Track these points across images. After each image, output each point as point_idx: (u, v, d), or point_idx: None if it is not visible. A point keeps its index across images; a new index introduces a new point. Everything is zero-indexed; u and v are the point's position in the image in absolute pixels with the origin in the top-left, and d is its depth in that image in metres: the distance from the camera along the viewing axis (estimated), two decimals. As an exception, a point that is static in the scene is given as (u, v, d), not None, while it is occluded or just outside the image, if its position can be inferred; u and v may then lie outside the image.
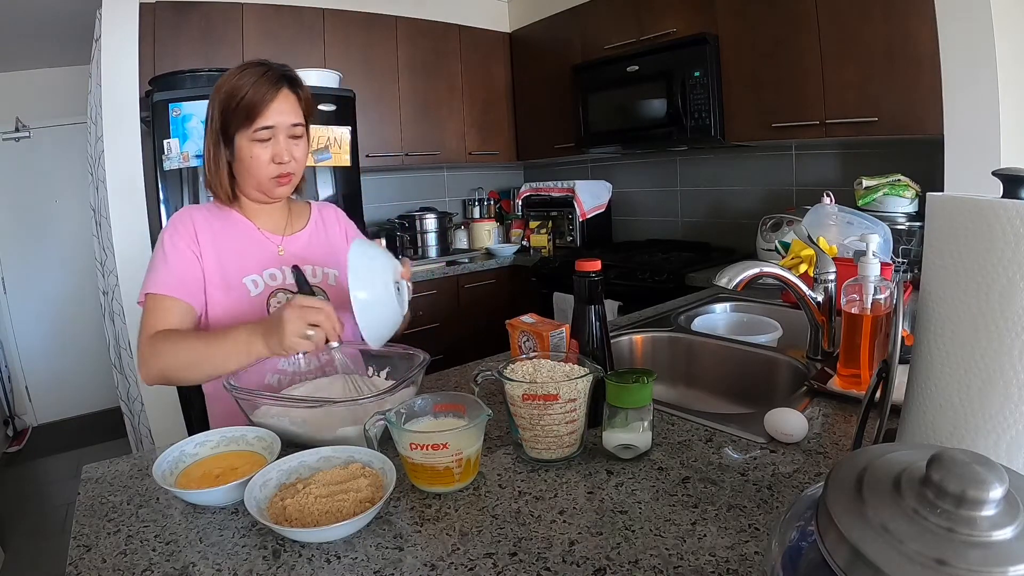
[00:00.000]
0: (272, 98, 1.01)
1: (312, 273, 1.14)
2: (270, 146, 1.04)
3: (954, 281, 0.45)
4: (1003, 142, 1.56)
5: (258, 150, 1.03)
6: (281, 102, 1.03)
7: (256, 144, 1.03)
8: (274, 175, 1.06)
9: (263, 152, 1.03)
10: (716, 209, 2.73)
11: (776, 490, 0.66)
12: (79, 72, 2.97)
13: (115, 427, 2.81)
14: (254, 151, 1.03)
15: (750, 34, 2.17)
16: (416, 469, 0.68)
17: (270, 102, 1.01)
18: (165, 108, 1.99)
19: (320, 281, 1.15)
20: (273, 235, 1.15)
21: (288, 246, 1.15)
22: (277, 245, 1.14)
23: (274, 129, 1.03)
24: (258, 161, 1.04)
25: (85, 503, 0.72)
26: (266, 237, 1.13)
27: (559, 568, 0.55)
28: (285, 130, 1.04)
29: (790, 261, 1.41)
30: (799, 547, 0.32)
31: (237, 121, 1.02)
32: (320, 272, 1.16)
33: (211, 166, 1.07)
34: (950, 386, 0.46)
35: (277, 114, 1.02)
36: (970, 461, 0.28)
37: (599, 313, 0.83)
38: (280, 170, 1.05)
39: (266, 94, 1.01)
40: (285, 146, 1.04)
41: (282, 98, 1.03)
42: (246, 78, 1.01)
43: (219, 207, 1.13)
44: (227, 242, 1.09)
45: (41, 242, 3.46)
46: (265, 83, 1.01)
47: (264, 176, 1.05)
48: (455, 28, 3.06)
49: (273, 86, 1.02)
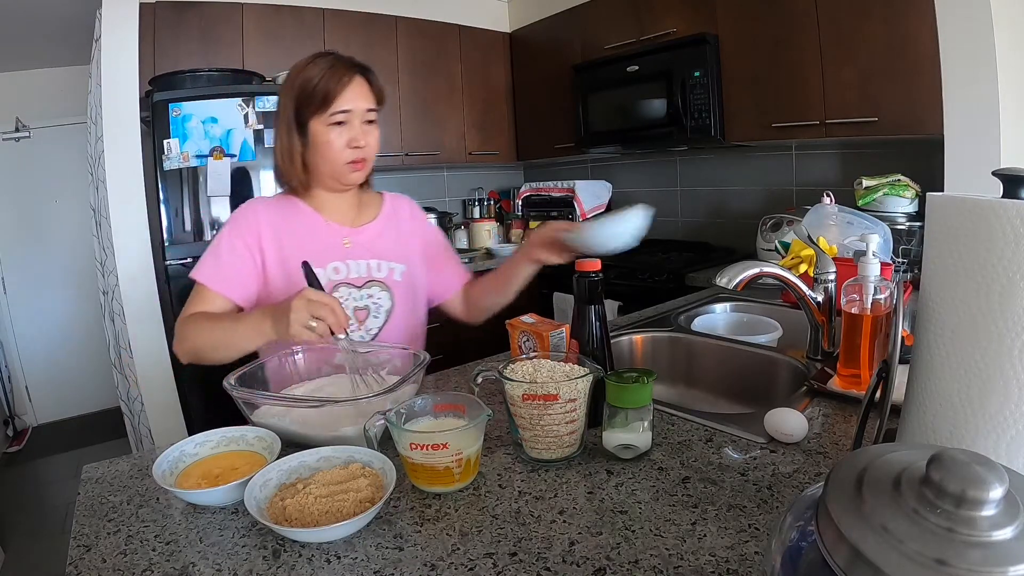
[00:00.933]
0: (348, 83, 1.03)
1: (377, 268, 1.14)
2: (345, 131, 1.05)
3: (954, 281, 0.45)
4: (1003, 142, 1.56)
5: (333, 135, 1.04)
6: (357, 87, 1.05)
7: (332, 129, 1.04)
8: (349, 160, 1.06)
9: (338, 137, 1.04)
10: (716, 209, 2.73)
11: (776, 490, 0.66)
12: (79, 72, 2.97)
13: (115, 427, 2.81)
14: (330, 136, 1.04)
15: (750, 34, 2.17)
16: (416, 469, 0.68)
17: (346, 86, 1.03)
18: (165, 108, 1.99)
19: (385, 277, 1.15)
20: (340, 226, 1.14)
21: (355, 238, 1.14)
22: (343, 237, 1.13)
23: (350, 113, 1.04)
24: (333, 146, 1.05)
25: (85, 503, 0.72)
26: (332, 228, 1.13)
27: (559, 568, 0.55)
28: (360, 115, 1.05)
29: (790, 261, 1.41)
30: (799, 547, 0.32)
31: (312, 107, 1.03)
32: (386, 267, 1.15)
33: (284, 156, 1.08)
34: (950, 386, 0.46)
35: (353, 99, 1.04)
36: (970, 461, 0.28)
37: (599, 313, 0.83)
38: (355, 155, 1.06)
39: (342, 78, 1.03)
40: (360, 131, 1.06)
41: (357, 84, 1.05)
42: (319, 66, 1.03)
43: (287, 199, 1.14)
44: (291, 235, 1.10)
45: (41, 242, 3.46)
46: (340, 69, 1.03)
47: (339, 161, 1.06)
48: (455, 28, 3.06)
49: (348, 72, 1.04)
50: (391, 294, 1.15)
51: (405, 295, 1.17)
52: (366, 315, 1.13)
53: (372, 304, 1.13)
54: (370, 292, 1.13)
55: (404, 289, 1.17)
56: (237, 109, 2.11)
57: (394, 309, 1.15)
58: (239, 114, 2.12)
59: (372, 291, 1.13)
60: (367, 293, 1.13)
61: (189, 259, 2.08)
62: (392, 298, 1.15)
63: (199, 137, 2.05)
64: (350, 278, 1.11)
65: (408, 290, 1.18)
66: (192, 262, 2.05)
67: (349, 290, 1.11)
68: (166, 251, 2.06)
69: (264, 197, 1.17)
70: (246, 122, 2.13)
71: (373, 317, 1.13)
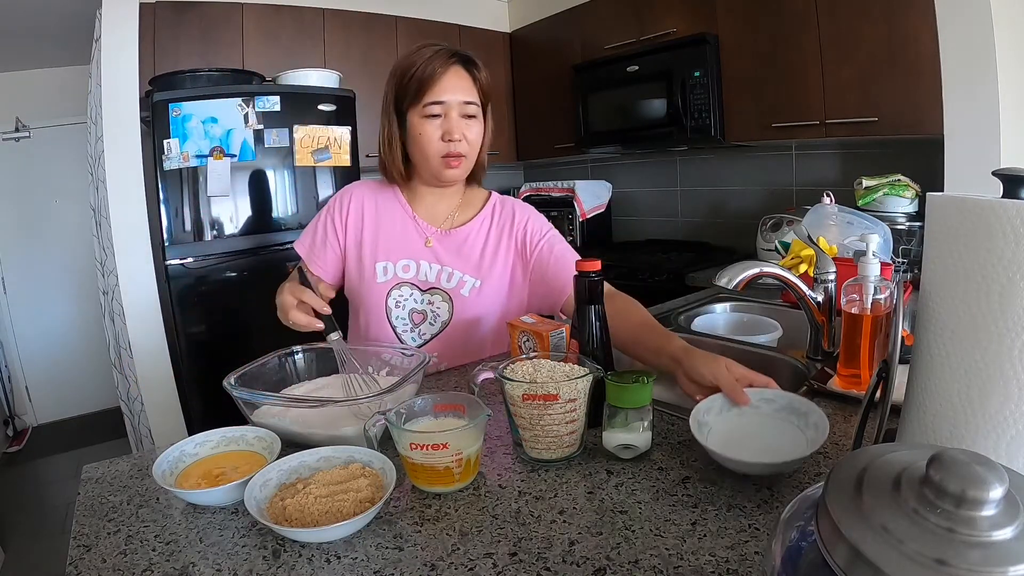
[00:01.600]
0: (443, 73, 1.00)
1: (448, 277, 1.09)
2: (440, 123, 1.02)
3: (954, 281, 0.45)
4: (1003, 142, 1.56)
5: (428, 127, 1.01)
6: (453, 77, 1.01)
7: (426, 121, 1.01)
8: (443, 153, 1.03)
9: (433, 129, 1.02)
10: (716, 209, 2.73)
11: (776, 490, 0.66)
12: (79, 72, 2.96)
13: (115, 427, 2.81)
14: (424, 128, 1.02)
15: (750, 34, 2.17)
16: (416, 469, 0.68)
17: (441, 76, 1.00)
18: (165, 108, 1.99)
19: (452, 288, 1.10)
20: (428, 225, 1.12)
21: (441, 239, 1.11)
22: (427, 236, 1.11)
23: (445, 105, 1.01)
24: (428, 138, 1.02)
25: (85, 503, 0.72)
26: (419, 226, 1.11)
27: (559, 568, 0.55)
28: (457, 107, 1.02)
29: (790, 261, 1.41)
30: (799, 547, 0.32)
31: (409, 96, 1.01)
32: (457, 278, 1.10)
33: (385, 146, 1.07)
34: (950, 386, 0.46)
35: (448, 90, 1.01)
36: (970, 461, 0.28)
37: (599, 313, 0.83)
38: (449, 148, 1.02)
39: (437, 68, 1.00)
40: (456, 124, 1.02)
41: (453, 73, 1.01)
42: (420, 54, 1.01)
43: (389, 187, 1.14)
44: (376, 224, 1.11)
45: (41, 242, 3.46)
46: (437, 59, 1.00)
47: (434, 154, 1.03)
48: (455, 28, 3.06)
49: (445, 61, 1.01)
50: (451, 306, 1.11)
51: (469, 310, 1.11)
52: (422, 319, 1.11)
53: (430, 311, 1.11)
54: (431, 299, 1.11)
55: (470, 304, 1.11)
56: (237, 109, 2.11)
57: (451, 321, 1.11)
58: (239, 114, 2.12)
59: (434, 299, 1.11)
60: (428, 299, 1.11)
61: (189, 259, 2.08)
62: (451, 310, 1.11)
63: (199, 137, 2.05)
64: (416, 279, 1.10)
65: (475, 306, 1.12)
66: (193, 262, 2.08)
67: (412, 291, 1.10)
68: (166, 251, 2.06)
69: (370, 181, 1.17)
70: (246, 122, 2.13)
71: (429, 324, 1.12)
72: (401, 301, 1.11)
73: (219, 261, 2.14)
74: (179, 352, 2.14)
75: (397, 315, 1.11)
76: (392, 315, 1.11)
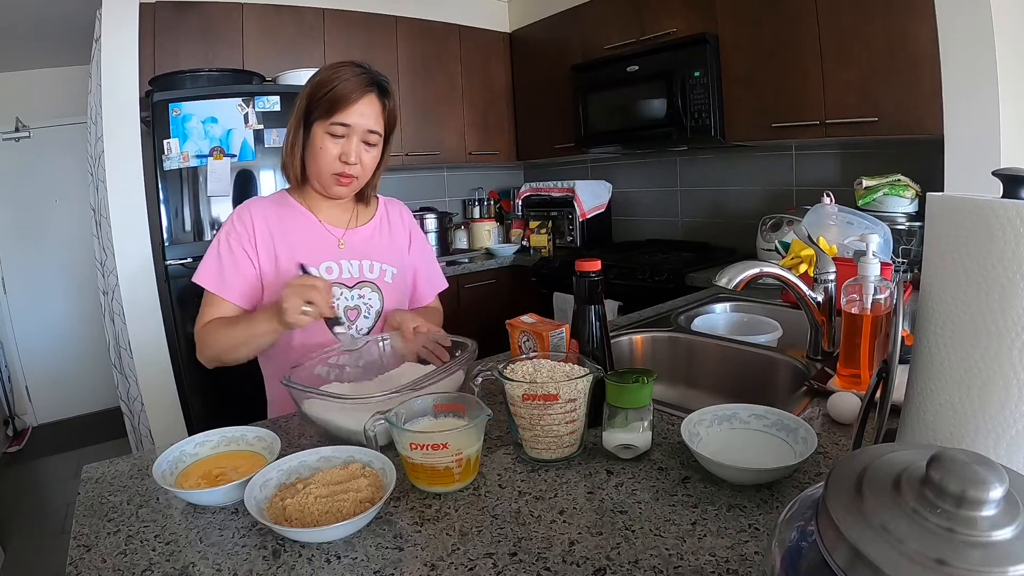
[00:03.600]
0: (357, 98, 1.03)
1: (369, 268, 1.15)
2: (341, 143, 1.04)
3: (954, 281, 0.45)
4: (1003, 142, 1.56)
5: (328, 143, 1.04)
6: (364, 104, 1.04)
7: (328, 137, 1.04)
8: (336, 171, 1.06)
9: (333, 147, 1.04)
10: (716, 209, 2.73)
11: (776, 490, 0.66)
12: (79, 72, 2.97)
13: (115, 427, 2.81)
14: (325, 143, 1.04)
15: (750, 34, 2.17)
16: (416, 469, 0.68)
17: (354, 102, 1.02)
18: (165, 108, 1.99)
19: (377, 277, 1.16)
20: (335, 228, 1.15)
21: (349, 239, 1.16)
22: (338, 238, 1.14)
23: (350, 128, 1.04)
24: (325, 153, 1.05)
25: (85, 503, 0.72)
26: (327, 230, 1.14)
27: (559, 568, 0.55)
28: (360, 133, 1.05)
29: (790, 261, 1.41)
30: (799, 547, 0.32)
31: (319, 111, 1.03)
32: (378, 268, 1.16)
33: (288, 148, 1.09)
34: (950, 386, 0.46)
35: (357, 115, 1.03)
36: (970, 461, 0.28)
37: (599, 313, 0.83)
38: (343, 169, 1.06)
39: (352, 92, 1.02)
40: (355, 148, 1.05)
41: (367, 101, 1.04)
42: (340, 72, 1.03)
43: (283, 198, 1.15)
44: (285, 234, 1.11)
45: (41, 242, 3.46)
46: (355, 82, 1.02)
47: (327, 170, 1.06)
48: (455, 28, 3.06)
49: (362, 87, 1.03)
50: (381, 295, 1.16)
51: (395, 297, 1.18)
52: (357, 315, 1.14)
53: (363, 304, 1.14)
54: (361, 292, 1.14)
55: (394, 291, 1.18)
56: (237, 109, 2.11)
57: (383, 310, 1.16)
58: (239, 114, 2.12)
59: (363, 291, 1.14)
60: (358, 293, 1.14)
61: (189, 259, 2.08)
62: (382, 299, 1.16)
63: (199, 137, 2.05)
64: (342, 278, 1.12)
65: (398, 292, 1.19)
66: (192, 262, 2.08)
67: (340, 290, 1.11)
68: (166, 251, 2.06)
69: (259, 197, 1.18)
70: (246, 122, 2.13)
71: (364, 317, 1.14)
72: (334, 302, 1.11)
73: (219, 261, 2.13)
74: (179, 352, 2.14)
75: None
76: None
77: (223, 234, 1.10)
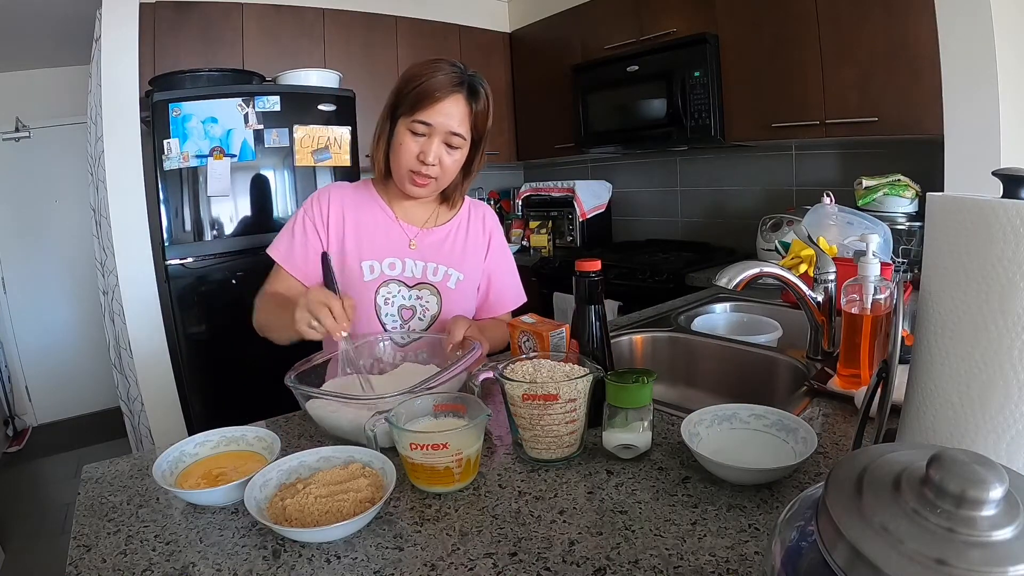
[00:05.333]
0: (442, 97, 1.00)
1: (433, 271, 1.14)
2: (421, 142, 1.03)
3: (954, 281, 0.45)
4: (1003, 142, 1.55)
5: (409, 140, 1.03)
6: (450, 105, 1.01)
7: (409, 134, 1.03)
8: (413, 169, 1.04)
9: (413, 145, 1.03)
10: (716, 209, 2.73)
11: (776, 490, 0.66)
12: (79, 72, 2.97)
13: (115, 427, 2.81)
14: (405, 140, 1.03)
15: (750, 34, 2.17)
16: (416, 469, 0.68)
17: (438, 100, 1.00)
18: (165, 108, 1.99)
19: (439, 281, 1.14)
20: (409, 226, 1.14)
21: (422, 239, 1.14)
22: (410, 237, 1.14)
23: (431, 128, 1.02)
24: (405, 150, 1.03)
25: (85, 503, 0.72)
26: (400, 226, 1.14)
27: (559, 568, 0.55)
28: (442, 134, 1.02)
29: (790, 261, 1.41)
30: (799, 547, 0.32)
31: (404, 106, 1.02)
32: (442, 271, 1.14)
33: (375, 140, 1.09)
34: (950, 386, 0.46)
35: (441, 115, 1.01)
36: (970, 461, 0.28)
37: (599, 313, 0.83)
38: (420, 168, 1.04)
39: (437, 91, 1.00)
40: (436, 148, 1.03)
41: (452, 101, 1.01)
42: (431, 69, 1.01)
43: (367, 188, 1.16)
44: (358, 223, 1.12)
45: (41, 242, 3.45)
46: (443, 80, 1.00)
47: (404, 168, 1.05)
48: (455, 28, 3.06)
49: (449, 86, 1.00)
50: (440, 299, 1.14)
51: (455, 303, 1.15)
52: (411, 315, 1.13)
53: (419, 306, 1.13)
54: (420, 294, 1.13)
55: (456, 297, 1.15)
56: (237, 109, 2.11)
57: (440, 315, 1.14)
58: (239, 114, 2.12)
59: (422, 293, 1.13)
60: (416, 294, 1.13)
61: (189, 259, 2.08)
62: (440, 304, 1.14)
63: (199, 137, 2.05)
64: (403, 276, 1.12)
65: (463, 298, 1.17)
66: (192, 262, 2.08)
67: (400, 287, 1.11)
68: (166, 251, 2.06)
69: (345, 183, 1.18)
70: (246, 122, 2.13)
71: (418, 319, 1.14)
72: (390, 298, 1.12)
73: (219, 261, 2.13)
74: (179, 352, 2.14)
75: (386, 312, 1.13)
76: (381, 312, 1.13)
77: (301, 211, 1.12)
